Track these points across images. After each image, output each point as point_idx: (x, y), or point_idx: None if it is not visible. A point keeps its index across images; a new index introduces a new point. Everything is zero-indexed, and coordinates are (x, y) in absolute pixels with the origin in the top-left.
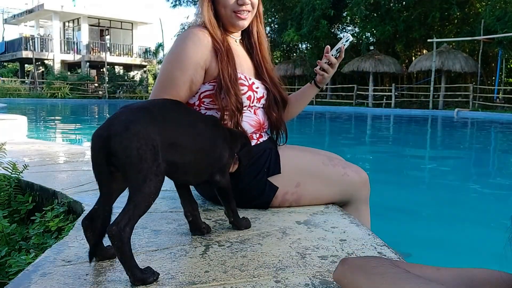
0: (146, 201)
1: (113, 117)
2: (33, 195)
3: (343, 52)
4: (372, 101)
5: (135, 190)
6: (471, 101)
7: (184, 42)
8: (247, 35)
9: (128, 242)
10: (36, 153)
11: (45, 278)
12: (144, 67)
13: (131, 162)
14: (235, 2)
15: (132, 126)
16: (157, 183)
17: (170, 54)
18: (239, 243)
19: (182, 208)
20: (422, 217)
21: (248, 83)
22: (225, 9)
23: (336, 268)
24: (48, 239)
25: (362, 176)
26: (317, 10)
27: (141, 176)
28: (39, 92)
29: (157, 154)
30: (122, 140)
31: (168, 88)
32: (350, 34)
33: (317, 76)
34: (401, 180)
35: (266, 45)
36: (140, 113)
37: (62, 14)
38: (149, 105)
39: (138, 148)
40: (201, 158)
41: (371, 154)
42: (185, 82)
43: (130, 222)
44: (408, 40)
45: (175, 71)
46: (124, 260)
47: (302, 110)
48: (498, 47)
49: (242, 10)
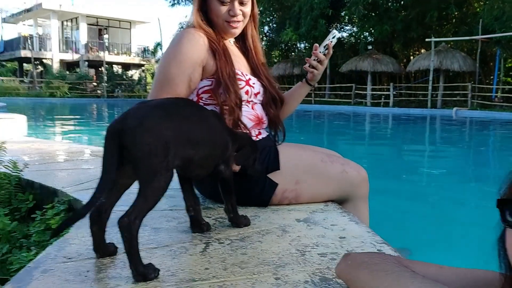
0: (155, 195)
1: (129, 112)
2: (33, 193)
3: (331, 49)
4: (370, 100)
5: (145, 184)
6: (469, 100)
7: (180, 42)
8: (242, 38)
9: (136, 235)
10: (36, 152)
11: (46, 275)
12: (142, 66)
13: (142, 156)
14: (227, 12)
15: (146, 122)
16: (167, 178)
17: (167, 54)
18: (239, 240)
19: (184, 203)
20: (421, 215)
21: (245, 79)
22: (217, 18)
23: (339, 263)
24: (49, 236)
25: (361, 173)
26: (315, 10)
27: (151, 170)
28: (38, 91)
29: (168, 150)
30: (135, 134)
31: (167, 87)
32: (336, 30)
33: (308, 74)
34: (400, 178)
35: (260, 47)
36: (155, 110)
37: (61, 13)
38: (165, 102)
39: (150, 143)
40: (213, 151)
41: (369, 152)
42: (183, 80)
43: (140, 215)
44: (406, 39)
45: (173, 70)
46: (130, 253)
47: (295, 108)
48: (496, 47)
49: (233, 20)
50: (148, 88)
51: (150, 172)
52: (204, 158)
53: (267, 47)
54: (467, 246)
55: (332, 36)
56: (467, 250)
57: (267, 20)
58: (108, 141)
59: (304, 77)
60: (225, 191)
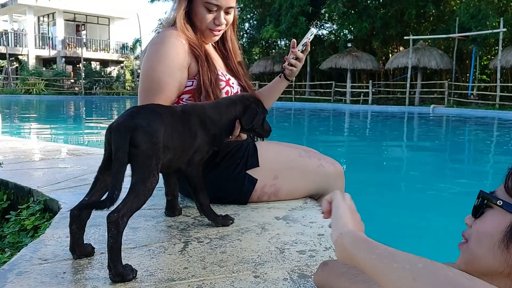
0: (146, 194)
1: (133, 112)
2: (7, 193)
3: (308, 46)
4: (350, 97)
5: (139, 182)
6: (446, 98)
7: (164, 46)
8: (222, 40)
9: (122, 233)
10: (11, 151)
11: (21, 277)
12: (121, 62)
13: (147, 155)
14: (212, 21)
15: (153, 124)
16: (158, 179)
17: (151, 58)
18: (218, 239)
19: (165, 187)
20: (398, 209)
21: (225, 79)
22: (201, 24)
23: (317, 273)
24: (23, 237)
25: (337, 167)
26: (296, 7)
27: (150, 170)
28: (13, 88)
29: (163, 153)
30: (146, 132)
31: (158, 93)
32: (313, 28)
33: (286, 70)
34: (378, 175)
35: (238, 48)
36: (155, 115)
37: (37, 8)
38: (158, 109)
39: (155, 143)
40: (179, 156)
41: (348, 149)
42: (174, 85)
43: (128, 213)
44: (385, 37)
45: (163, 77)
46: (113, 250)
47: (273, 103)
48: (472, 45)
49: (217, 29)
50: (127, 85)
51: (148, 171)
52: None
53: (248, 44)
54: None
55: (310, 34)
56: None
57: (248, 17)
58: (119, 138)
59: (281, 72)
60: (192, 189)
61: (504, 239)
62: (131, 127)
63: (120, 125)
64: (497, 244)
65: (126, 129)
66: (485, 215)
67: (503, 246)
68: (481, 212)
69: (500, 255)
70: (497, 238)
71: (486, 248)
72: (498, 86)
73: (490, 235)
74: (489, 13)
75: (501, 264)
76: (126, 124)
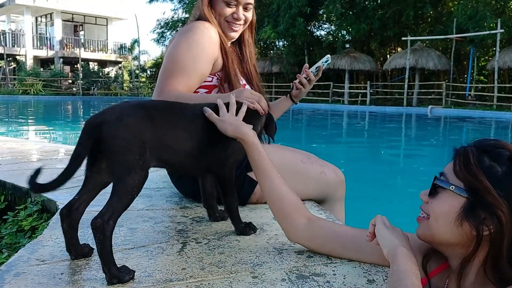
0: (129, 194)
1: (110, 108)
2: (5, 194)
3: (321, 71)
4: (348, 98)
5: (118, 180)
6: (444, 99)
7: (198, 35)
8: (239, 43)
9: (110, 236)
10: (8, 151)
11: (19, 278)
12: (119, 63)
13: (118, 150)
14: (231, 15)
15: (125, 118)
16: (141, 177)
17: (180, 43)
18: (217, 240)
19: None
20: (397, 207)
21: (241, 83)
22: (220, 17)
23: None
24: (21, 238)
25: (338, 175)
26: (294, 8)
27: (125, 167)
28: (11, 88)
29: (145, 150)
30: (111, 128)
31: (178, 75)
32: (330, 55)
33: (293, 90)
34: (376, 172)
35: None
36: (137, 109)
37: (35, 8)
38: (148, 103)
39: (125, 139)
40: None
41: (346, 149)
42: (197, 74)
43: (114, 216)
44: (383, 38)
45: (188, 62)
46: (103, 255)
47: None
48: (469, 46)
49: (234, 23)
50: (125, 86)
51: (124, 168)
52: (181, 163)
53: None
54: None
55: (325, 60)
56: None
57: None
58: (83, 133)
59: (288, 92)
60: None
61: (458, 218)
62: (98, 122)
63: (88, 121)
64: (453, 222)
65: (90, 124)
66: (440, 196)
67: (458, 223)
68: (436, 192)
69: (455, 230)
70: (453, 217)
71: (443, 225)
72: (495, 87)
73: (446, 215)
74: (487, 14)
75: (457, 237)
76: (92, 119)
